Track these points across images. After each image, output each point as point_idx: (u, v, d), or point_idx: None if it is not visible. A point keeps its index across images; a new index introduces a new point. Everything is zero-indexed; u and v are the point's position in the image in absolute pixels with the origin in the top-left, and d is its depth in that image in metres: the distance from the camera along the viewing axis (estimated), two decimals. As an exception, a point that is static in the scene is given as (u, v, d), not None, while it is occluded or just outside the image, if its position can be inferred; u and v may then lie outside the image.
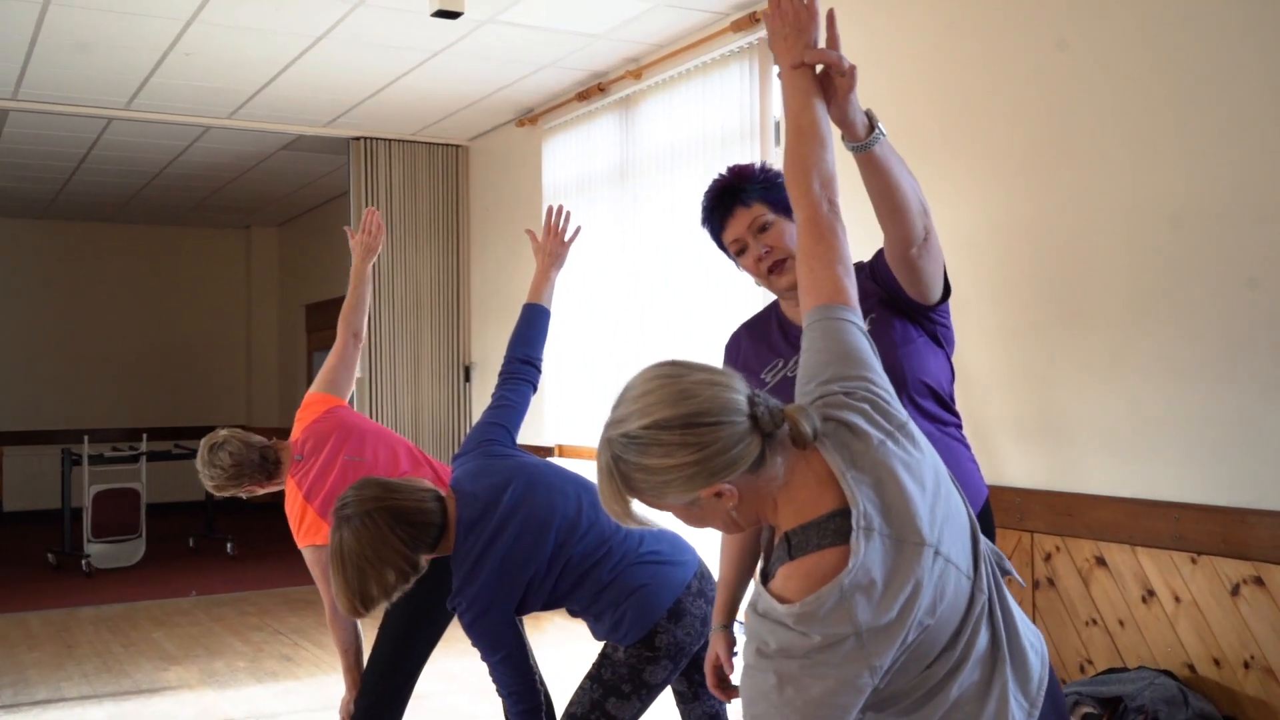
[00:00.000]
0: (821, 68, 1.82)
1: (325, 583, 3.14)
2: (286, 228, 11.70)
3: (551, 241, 3.13)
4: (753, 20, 4.94)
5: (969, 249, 3.87)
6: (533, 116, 6.83)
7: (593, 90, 6.16)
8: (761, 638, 1.43)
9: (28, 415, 11.07)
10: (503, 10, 5.06)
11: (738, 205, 2.27)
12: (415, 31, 5.32)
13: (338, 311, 3.69)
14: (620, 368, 5.91)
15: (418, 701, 3.23)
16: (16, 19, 5.13)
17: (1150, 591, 3.38)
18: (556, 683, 3.00)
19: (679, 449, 1.45)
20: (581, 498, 2.63)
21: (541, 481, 2.64)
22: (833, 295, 1.67)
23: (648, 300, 5.70)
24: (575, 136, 6.44)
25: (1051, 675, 1.59)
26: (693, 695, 2.72)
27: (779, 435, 1.50)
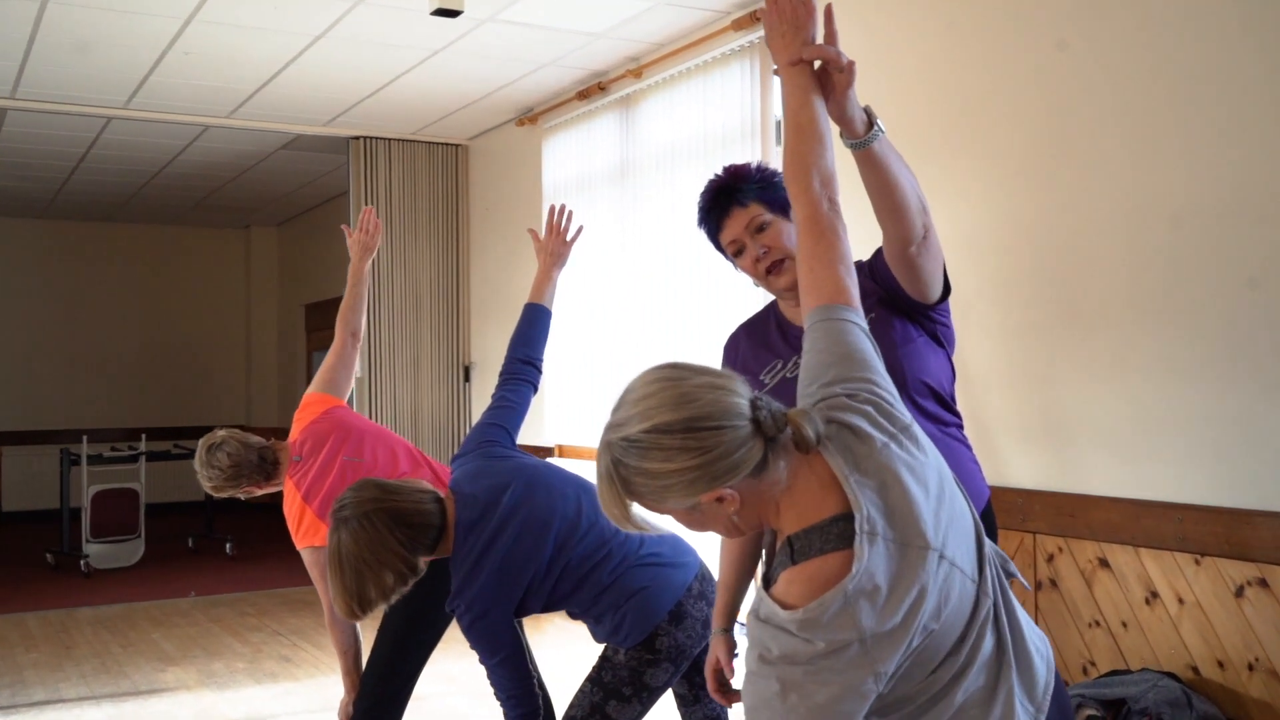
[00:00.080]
0: (820, 64, 1.81)
1: (324, 584, 3.12)
2: (286, 227, 11.69)
3: (554, 240, 3.11)
4: (753, 19, 4.93)
5: (969, 249, 3.87)
6: (533, 115, 6.81)
7: (593, 89, 6.15)
8: (764, 644, 1.41)
9: (26, 415, 11.06)
10: (502, 9, 5.05)
11: (734, 205, 2.25)
12: (415, 30, 5.31)
13: (337, 311, 3.67)
14: (620, 368, 5.90)
15: (417, 703, 3.22)
16: (15, 17, 5.11)
17: (1153, 593, 3.37)
18: (556, 685, 2.99)
19: (680, 453, 1.43)
20: (581, 499, 2.62)
21: (541, 483, 2.63)
22: (834, 295, 1.65)
23: (648, 300, 5.69)
24: (575, 136, 6.42)
25: (1058, 680, 1.58)
26: (694, 698, 2.71)
27: (781, 439, 1.48)
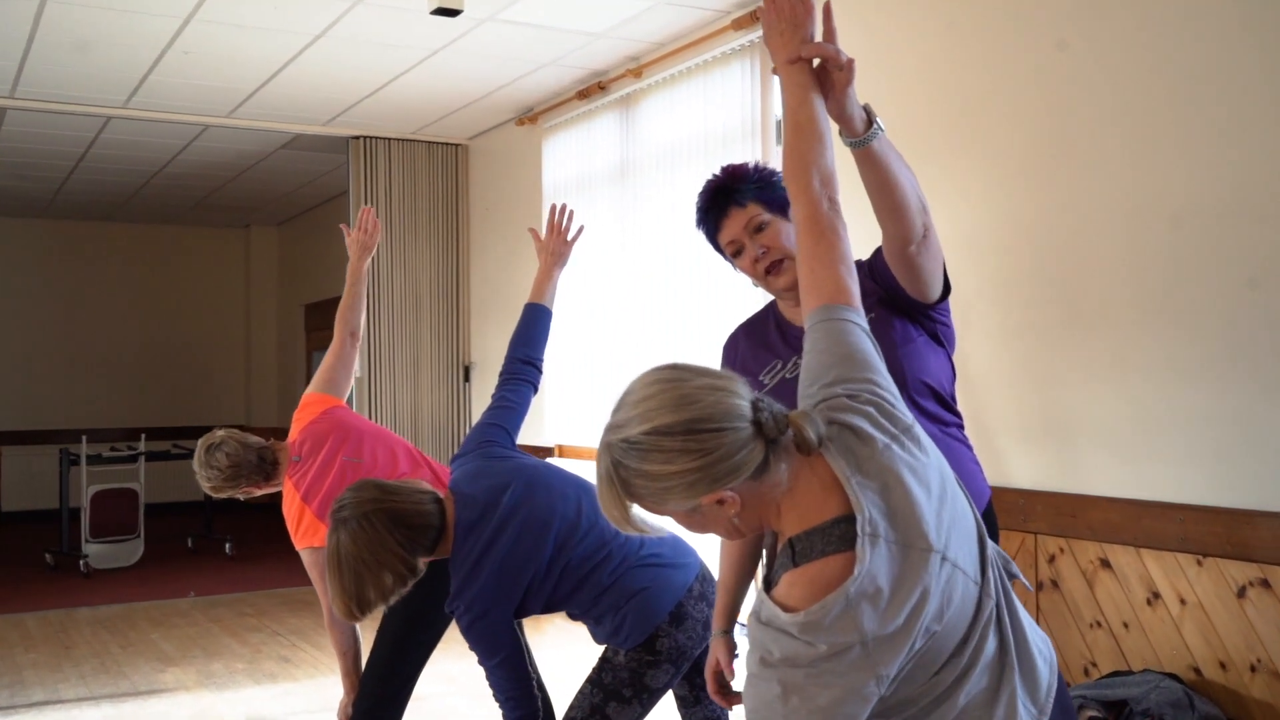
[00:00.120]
0: (819, 62, 1.80)
1: (323, 585, 3.11)
2: (286, 227, 11.68)
3: (555, 240, 3.11)
4: (753, 18, 4.92)
5: (969, 249, 3.86)
6: (533, 115, 6.81)
7: (593, 89, 6.14)
8: (765, 646, 1.41)
9: (26, 415, 11.05)
10: (502, 8, 5.05)
11: (732, 206, 2.24)
12: (414, 30, 5.30)
13: (336, 311, 3.67)
14: (620, 368, 5.89)
15: (417, 704, 3.22)
16: (14, 16, 5.11)
17: (1155, 594, 3.36)
18: (557, 686, 2.98)
19: (680, 455, 1.42)
20: (581, 499, 2.61)
21: (541, 483, 2.62)
22: (834, 295, 1.64)
23: (648, 300, 5.68)
24: (575, 135, 6.42)
25: (1060, 681, 1.58)
26: (694, 699, 2.70)
27: (783, 441, 1.47)
